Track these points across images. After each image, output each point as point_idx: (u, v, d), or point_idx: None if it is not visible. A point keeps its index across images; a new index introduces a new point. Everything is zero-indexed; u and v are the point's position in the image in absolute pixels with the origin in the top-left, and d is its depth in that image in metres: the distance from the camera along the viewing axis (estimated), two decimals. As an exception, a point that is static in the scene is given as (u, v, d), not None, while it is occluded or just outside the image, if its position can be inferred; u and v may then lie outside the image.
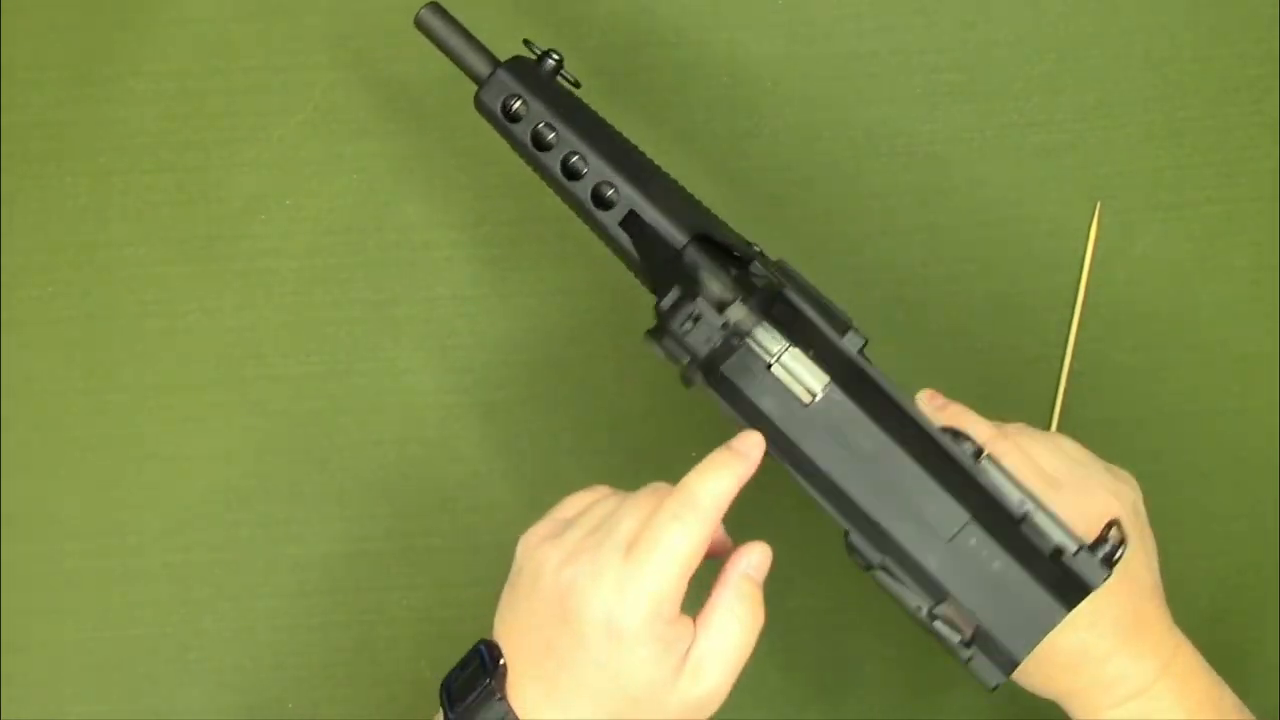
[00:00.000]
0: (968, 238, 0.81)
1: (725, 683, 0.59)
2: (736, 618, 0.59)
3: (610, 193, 0.66)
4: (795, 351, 0.62)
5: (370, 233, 0.81)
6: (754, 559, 0.60)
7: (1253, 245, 0.82)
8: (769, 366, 0.62)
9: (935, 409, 0.66)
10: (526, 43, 0.68)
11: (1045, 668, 0.62)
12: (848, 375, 0.62)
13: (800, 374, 0.62)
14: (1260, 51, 0.82)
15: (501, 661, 0.59)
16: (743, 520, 0.62)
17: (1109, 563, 0.60)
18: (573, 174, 0.66)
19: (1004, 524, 0.60)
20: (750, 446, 0.60)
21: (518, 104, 0.67)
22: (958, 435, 0.62)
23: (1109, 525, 0.61)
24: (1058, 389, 0.81)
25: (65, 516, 0.80)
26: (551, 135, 0.66)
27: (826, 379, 0.62)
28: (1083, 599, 0.59)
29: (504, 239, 0.81)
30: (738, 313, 0.62)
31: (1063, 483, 0.62)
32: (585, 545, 0.58)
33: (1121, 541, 0.60)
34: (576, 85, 0.68)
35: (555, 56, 0.68)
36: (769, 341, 0.62)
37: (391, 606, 0.80)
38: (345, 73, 0.82)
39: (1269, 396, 0.81)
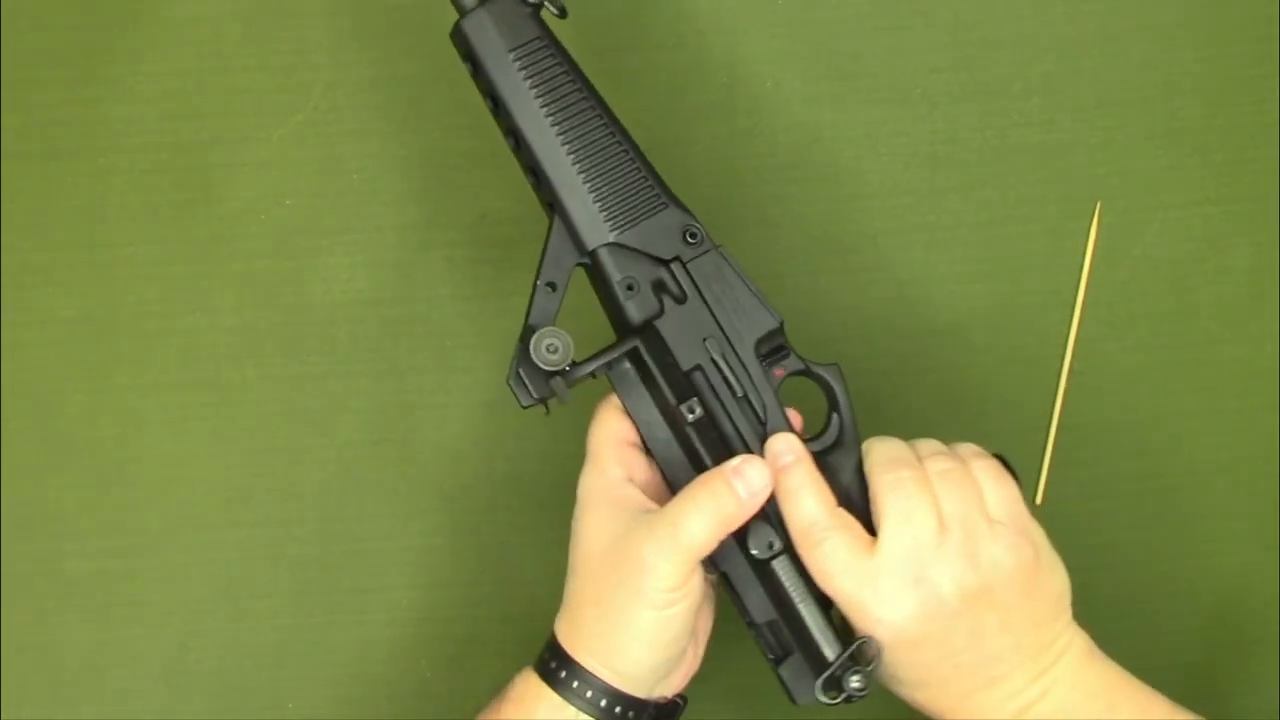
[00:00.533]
0: (968, 238, 0.81)
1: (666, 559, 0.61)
2: (690, 501, 0.62)
3: (534, 179, 0.67)
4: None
5: (370, 233, 0.81)
6: (747, 469, 0.63)
7: (1253, 245, 0.82)
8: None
9: (781, 466, 0.65)
10: None
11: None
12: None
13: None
14: (1260, 51, 0.82)
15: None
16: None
17: (862, 674, 0.63)
18: (514, 144, 0.67)
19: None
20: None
21: (470, 56, 0.66)
22: (768, 518, 0.64)
23: (864, 642, 0.63)
24: (1058, 389, 0.81)
25: (65, 516, 0.80)
26: (495, 98, 0.66)
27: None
28: (841, 699, 0.63)
29: (504, 239, 0.81)
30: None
31: (888, 569, 0.62)
32: None
33: (872, 659, 0.62)
34: (562, 15, 0.67)
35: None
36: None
37: (391, 606, 0.80)
38: (345, 73, 0.82)
39: (1269, 396, 0.81)
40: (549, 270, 0.66)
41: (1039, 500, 0.80)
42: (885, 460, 0.64)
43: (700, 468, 0.66)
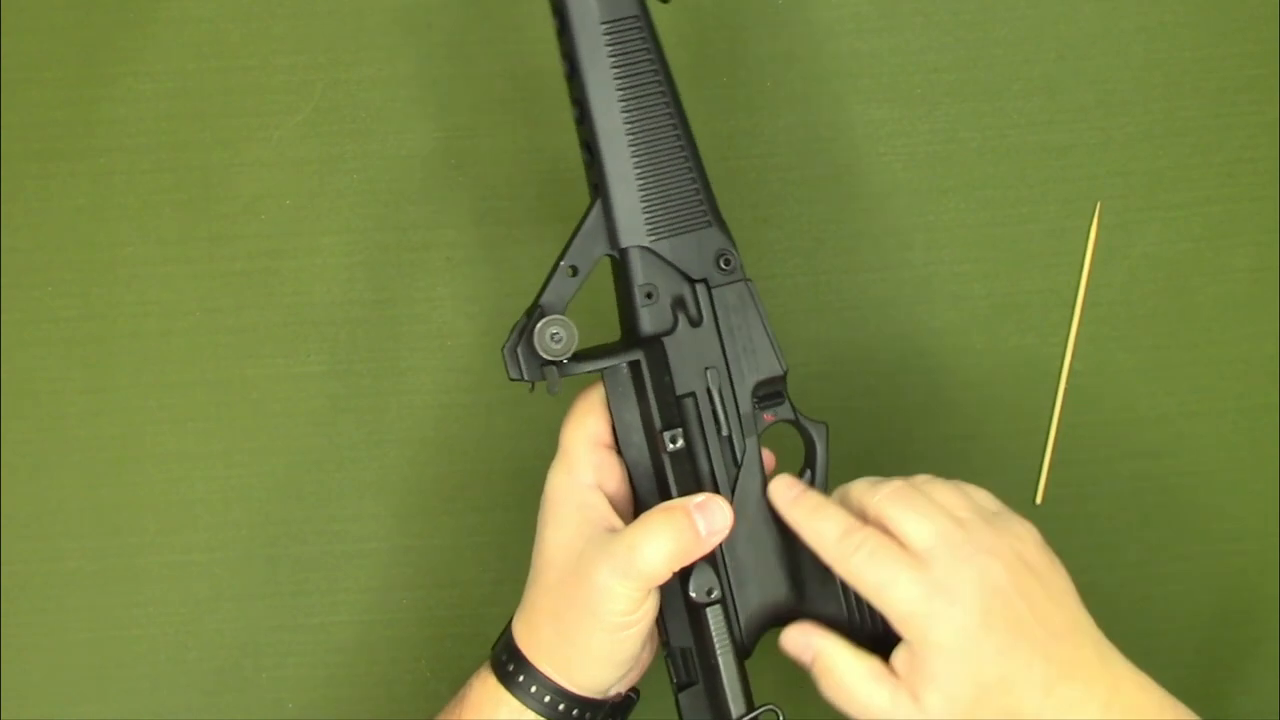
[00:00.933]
0: (968, 238, 0.81)
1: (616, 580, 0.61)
2: (648, 529, 0.61)
3: (588, 157, 0.65)
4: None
5: (370, 233, 0.81)
6: (710, 506, 0.62)
7: (1253, 245, 0.82)
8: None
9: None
10: None
11: None
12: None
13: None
14: (1260, 51, 0.82)
15: None
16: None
17: None
18: (578, 117, 0.65)
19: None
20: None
21: (561, 15, 0.64)
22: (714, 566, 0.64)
23: (770, 709, 0.62)
24: (1058, 389, 0.81)
25: (65, 516, 0.80)
26: (573, 65, 0.64)
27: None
28: None
29: (504, 239, 0.81)
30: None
31: (932, 560, 0.60)
32: None
33: None
34: (665, 0, 0.66)
35: None
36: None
37: (391, 606, 0.80)
38: (345, 73, 0.82)
39: (1269, 396, 0.81)
40: (576, 253, 0.65)
41: (1039, 500, 0.80)
42: (868, 485, 0.63)
43: (665, 494, 0.65)
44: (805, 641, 0.63)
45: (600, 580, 0.61)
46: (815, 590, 0.65)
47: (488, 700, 0.64)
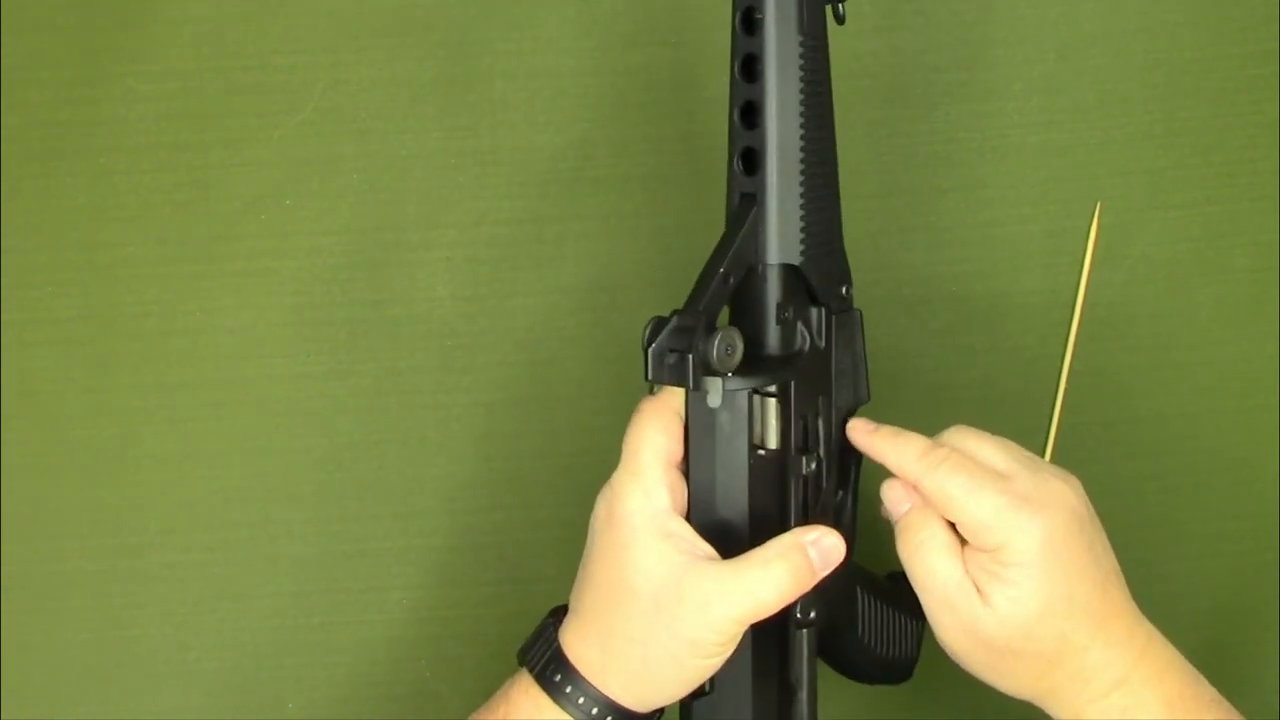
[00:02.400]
0: (968, 238, 0.81)
1: (716, 624, 0.60)
2: (768, 568, 0.60)
3: (746, 167, 0.63)
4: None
5: (370, 233, 0.81)
6: (825, 542, 0.62)
7: (1253, 245, 0.82)
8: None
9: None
10: None
11: (1029, 663, 0.62)
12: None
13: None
14: (1260, 51, 0.82)
15: None
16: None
17: None
18: (747, 123, 0.63)
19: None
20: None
21: (759, 17, 0.62)
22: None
23: None
24: (1058, 389, 0.81)
25: (65, 516, 0.80)
26: (758, 69, 0.62)
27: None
28: None
29: (504, 239, 0.81)
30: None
31: (1013, 474, 0.62)
32: None
33: None
34: (840, 21, 0.65)
35: None
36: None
37: (391, 606, 0.80)
38: (345, 73, 0.82)
39: (1269, 396, 0.81)
40: (733, 263, 0.62)
41: (1039, 500, 0.80)
42: (910, 458, 0.64)
43: (764, 520, 0.63)
44: (901, 495, 0.64)
45: (713, 615, 0.60)
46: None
47: (528, 707, 0.63)
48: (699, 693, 0.64)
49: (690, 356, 0.59)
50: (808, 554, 0.61)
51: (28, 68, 0.81)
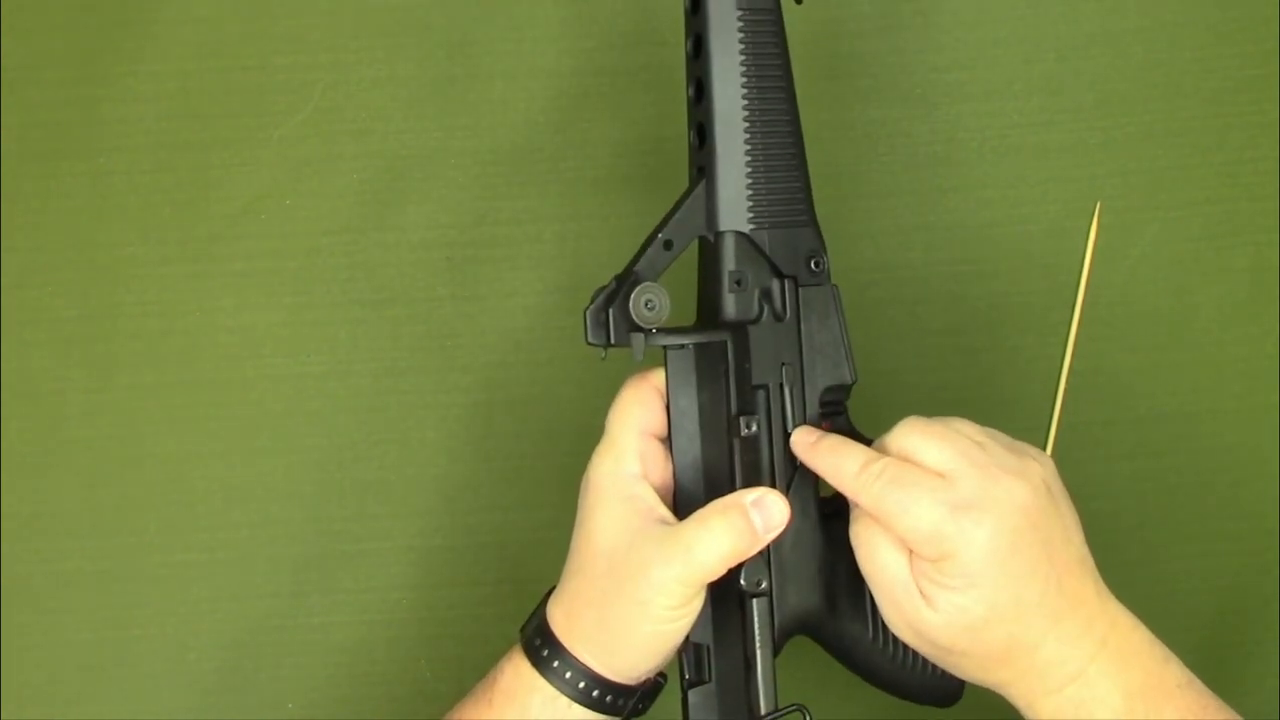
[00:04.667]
0: (968, 238, 0.81)
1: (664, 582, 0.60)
2: (703, 526, 0.61)
3: (698, 140, 0.65)
4: None
5: (370, 233, 0.81)
6: (767, 501, 0.61)
7: (1253, 245, 0.82)
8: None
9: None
10: None
11: (977, 661, 0.61)
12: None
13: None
14: (1260, 51, 0.82)
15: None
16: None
17: None
18: (695, 97, 0.65)
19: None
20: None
21: None
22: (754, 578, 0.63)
23: (798, 709, 0.62)
24: (1058, 389, 0.81)
25: (65, 516, 0.80)
26: (695, 49, 0.64)
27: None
28: None
29: (504, 239, 0.81)
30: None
31: (957, 476, 0.60)
32: None
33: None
34: (799, 0, 0.66)
35: None
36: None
37: (391, 606, 0.80)
38: (345, 73, 0.82)
39: (1269, 396, 0.81)
40: (673, 229, 0.64)
41: (1039, 500, 0.80)
42: (848, 474, 0.62)
43: (719, 483, 0.64)
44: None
45: (654, 575, 0.60)
46: (846, 606, 0.65)
47: (520, 684, 0.64)
48: (697, 681, 0.64)
49: (605, 314, 0.62)
50: (748, 514, 0.61)
51: (28, 68, 0.82)
